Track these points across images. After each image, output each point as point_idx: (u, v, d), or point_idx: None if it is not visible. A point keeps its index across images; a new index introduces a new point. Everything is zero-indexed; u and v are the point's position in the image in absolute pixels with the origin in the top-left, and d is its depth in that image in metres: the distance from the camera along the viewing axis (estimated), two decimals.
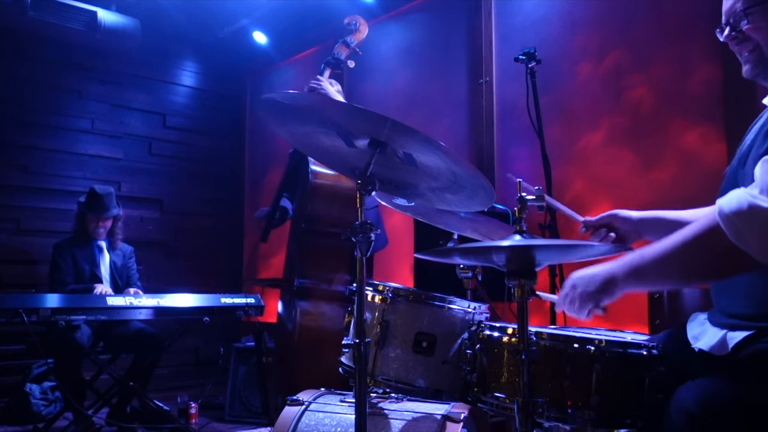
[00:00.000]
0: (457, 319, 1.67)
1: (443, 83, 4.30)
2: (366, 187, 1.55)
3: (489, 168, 3.88)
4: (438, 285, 2.08)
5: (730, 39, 1.39)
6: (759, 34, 1.33)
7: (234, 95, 6.19)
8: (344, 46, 3.49)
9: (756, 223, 1.13)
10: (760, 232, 1.13)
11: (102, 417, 3.76)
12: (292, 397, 1.96)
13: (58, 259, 3.94)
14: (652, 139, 3.20)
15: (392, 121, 1.43)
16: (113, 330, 3.82)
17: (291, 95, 1.62)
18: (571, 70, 3.58)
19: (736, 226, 1.15)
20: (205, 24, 5.42)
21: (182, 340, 3.95)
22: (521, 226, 1.45)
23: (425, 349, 1.63)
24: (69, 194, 4.95)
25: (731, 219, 1.15)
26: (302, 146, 1.87)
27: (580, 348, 1.41)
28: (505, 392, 1.49)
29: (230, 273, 5.97)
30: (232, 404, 4.33)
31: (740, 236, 1.14)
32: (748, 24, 1.33)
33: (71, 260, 3.95)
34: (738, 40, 1.37)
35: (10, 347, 4.49)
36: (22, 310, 3.09)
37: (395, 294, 1.70)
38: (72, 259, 3.95)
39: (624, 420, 1.39)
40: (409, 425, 1.81)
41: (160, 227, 5.58)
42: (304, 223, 3.18)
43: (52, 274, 3.95)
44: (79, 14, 4.77)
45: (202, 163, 5.91)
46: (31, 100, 4.94)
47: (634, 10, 3.31)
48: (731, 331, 1.31)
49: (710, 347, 1.34)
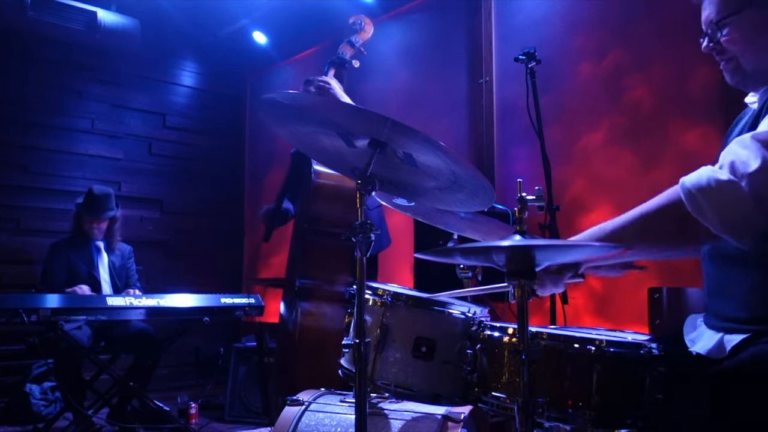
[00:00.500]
0: (457, 323, 1.66)
1: (443, 83, 4.30)
2: (366, 187, 1.55)
3: (489, 168, 3.88)
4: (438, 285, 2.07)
5: (709, 50, 1.39)
6: (734, 46, 1.33)
7: (234, 95, 6.19)
8: (349, 46, 3.48)
9: (713, 196, 1.15)
10: (717, 205, 1.15)
11: (102, 417, 3.76)
12: (292, 397, 1.96)
13: (53, 260, 3.93)
14: (652, 139, 3.20)
15: (392, 121, 1.43)
16: (113, 330, 3.82)
17: (291, 95, 1.61)
18: (571, 70, 3.58)
19: (696, 199, 1.17)
20: (205, 24, 5.42)
21: (182, 340, 3.95)
22: (521, 226, 1.45)
23: (424, 353, 1.63)
24: (69, 194, 4.94)
25: (692, 192, 1.18)
26: (302, 146, 1.87)
27: (580, 348, 1.41)
28: (506, 392, 1.49)
29: (230, 273, 5.97)
30: (232, 404, 4.33)
31: (699, 209, 1.17)
32: (722, 36, 1.33)
33: (66, 261, 3.93)
34: (716, 51, 1.38)
35: (10, 347, 4.48)
36: (22, 310, 3.09)
37: (395, 298, 1.70)
38: (67, 260, 3.94)
39: (624, 420, 1.39)
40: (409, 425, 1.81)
41: (160, 227, 5.58)
42: (307, 223, 3.17)
43: (43, 275, 3.94)
44: (79, 14, 4.77)
45: (202, 163, 5.91)
46: (31, 100, 4.94)
47: (634, 10, 3.31)
48: (728, 334, 1.31)
49: (707, 351, 1.34)
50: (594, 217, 3.40)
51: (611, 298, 3.25)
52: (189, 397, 4.26)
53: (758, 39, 1.30)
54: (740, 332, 1.28)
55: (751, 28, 1.30)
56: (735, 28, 1.32)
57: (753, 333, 1.26)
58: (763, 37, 1.30)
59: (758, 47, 1.31)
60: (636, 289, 3.03)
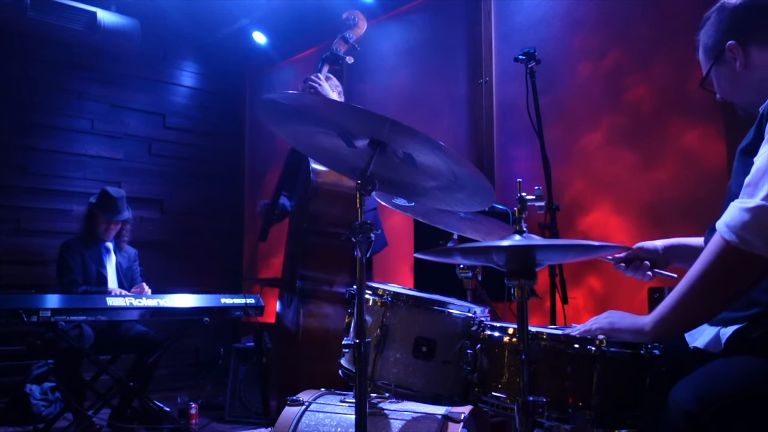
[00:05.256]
0: (458, 323, 1.66)
1: (443, 83, 4.30)
2: (366, 187, 1.55)
3: (489, 168, 3.88)
4: (438, 285, 2.07)
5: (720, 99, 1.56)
6: (722, 92, 1.53)
7: (234, 95, 6.19)
8: (343, 42, 3.47)
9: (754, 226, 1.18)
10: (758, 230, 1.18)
11: (102, 417, 3.76)
12: (293, 397, 1.96)
13: (68, 258, 3.91)
14: (652, 139, 3.20)
15: (392, 121, 1.43)
16: (114, 331, 3.82)
17: (291, 95, 1.61)
18: (571, 70, 3.58)
19: (739, 236, 1.19)
20: (205, 24, 5.42)
21: (182, 340, 3.95)
22: (521, 226, 1.45)
23: (425, 353, 1.63)
24: (69, 195, 4.95)
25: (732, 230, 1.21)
26: (302, 146, 1.87)
27: (580, 348, 1.41)
28: (506, 392, 1.49)
29: (230, 273, 5.97)
30: (232, 404, 4.33)
31: (747, 242, 1.19)
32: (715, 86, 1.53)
33: (80, 260, 3.93)
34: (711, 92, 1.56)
35: (10, 348, 4.48)
36: (22, 311, 3.09)
37: (395, 298, 1.70)
38: (81, 259, 3.94)
39: (624, 420, 1.39)
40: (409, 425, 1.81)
41: (160, 227, 5.58)
42: (306, 223, 3.16)
43: (61, 275, 3.92)
44: (79, 14, 4.77)
45: (202, 163, 5.91)
46: (31, 101, 4.94)
47: (634, 10, 3.31)
48: (724, 327, 1.36)
49: (705, 345, 1.40)
50: (594, 217, 3.40)
51: (611, 298, 3.25)
52: (189, 398, 4.26)
53: (736, 85, 1.47)
54: (735, 323, 1.34)
55: (725, 78, 1.49)
56: (716, 79, 1.52)
57: (747, 322, 1.32)
58: (739, 83, 1.46)
59: (738, 90, 1.48)
60: (636, 289, 3.03)
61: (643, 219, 3.17)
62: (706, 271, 1.25)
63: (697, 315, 1.31)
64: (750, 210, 1.19)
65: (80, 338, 3.53)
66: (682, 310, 1.29)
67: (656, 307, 1.36)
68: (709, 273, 1.25)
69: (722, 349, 1.35)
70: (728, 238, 1.21)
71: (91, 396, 3.77)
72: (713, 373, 1.25)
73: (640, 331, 1.36)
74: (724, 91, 1.51)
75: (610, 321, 1.44)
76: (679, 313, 1.30)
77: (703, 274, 1.25)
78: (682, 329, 1.42)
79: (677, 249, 1.72)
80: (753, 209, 1.19)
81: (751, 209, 1.19)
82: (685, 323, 1.34)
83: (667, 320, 1.32)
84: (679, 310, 1.30)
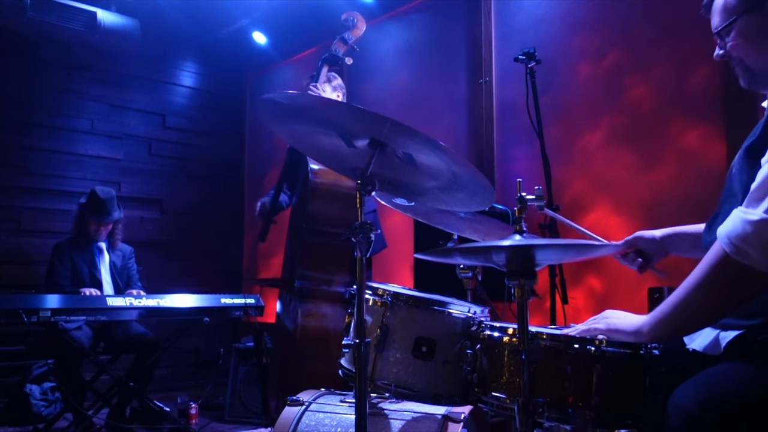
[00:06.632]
0: (458, 323, 1.66)
1: (443, 83, 4.30)
2: (366, 187, 1.55)
3: (489, 168, 3.88)
4: (438, 285, 2.07)
5: (720, 58, 1.46)
6: (738, 50, 1.39)
7: (234, 95, 6.19)
8: (342, 43, 3.47)
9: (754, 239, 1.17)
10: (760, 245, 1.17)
11: (102, 417, 3.76)
12: (292, 398, 1.96)
13: (56, 261, 3.92)
14: (652, 139, 3.20)
15: (392, 121, 1.42)
16: (114, 331, 3.82)
17: (290, 95, 1.61)
18: (571, 70, 3.58)
19: (738, 248, 1.18)
20: (205, 24, 5.42)
21: (182, 340, 3.95)
22: (521, 226, 1.45)
23: (425, 353, 1.63)
24: (69, 195, 4.94)
25: (732, 242, 1.19)
26: (302, 146, 1.87)
27: (580, 348, 1.41)
28: (506, 392, 1.49)
29: (230, 273, 5.97)
30: (232, 404, 4.33)
31: (745, 255, 1.18)
32: (728, 42, 1.41)
33: (69, 262, 3.93)
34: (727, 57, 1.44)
35: (10, 348, 4.48)
36: (22, 311, 3.08)
37: (395, 298, 1.70)
38: (71, 261, 3.94)
39: (624, 420, 1.39)
40: (409, 425, 1.81)
41: (160, 227, 5.58)
42: (305, 223, 3.16)
43: (49, 276, 3.93)
44: (79, 14, 4.77)
45: (202, 163, 5.91)
46: (30, 100, 4.94)
47: (634, 10, 3.31)
48: (723, 331, 1.35)
49: (704, 347, 1.39)
50: (594, 217, 3.40)
51: (611, 298, 3.24)
52: (189, 397, 4.26)
53: (759, 41, 1.36)
54: (735, 328, 1.32)
55: (751, 31, 1.37)
56: (737, 33, 1.38)
57: (747, 329, 1.30)
58: (763, 39, 1.36)
59: (760, 49, 1.37)
60: (636, 289, 3.03)
61: (643, 219, 3.16)
62: (704, 279, 1.25)
63: (694, 321, 1.31)
64: (753, 223, 1.17)
65: (80, 338, 3.53)
66: (680, 314, 1.29)
67: (655, 309, 1.36)
68: (707, 281, 1.25)
69: (722, 353, 1.34)
70: (728, 250, 1.20)
71: (91, 396, 3.77)
72: (716, 377, 1.24)
73: (638, 332, 1.37)
74: (741, 47, 1.38)
75: (608, 321, 1.44)
76: (676, 317, 1.30)
77: (702, 282, 1.25)
78: (680, 333, 1.42)
79: (675, 238, 1.70)
80: (756, 222, 1.17)
81: (754, 222, 1.17)
82: (683, 328, 1.35)
83: (664, 323, 1.32)
84: (676, 314, 1.30)
